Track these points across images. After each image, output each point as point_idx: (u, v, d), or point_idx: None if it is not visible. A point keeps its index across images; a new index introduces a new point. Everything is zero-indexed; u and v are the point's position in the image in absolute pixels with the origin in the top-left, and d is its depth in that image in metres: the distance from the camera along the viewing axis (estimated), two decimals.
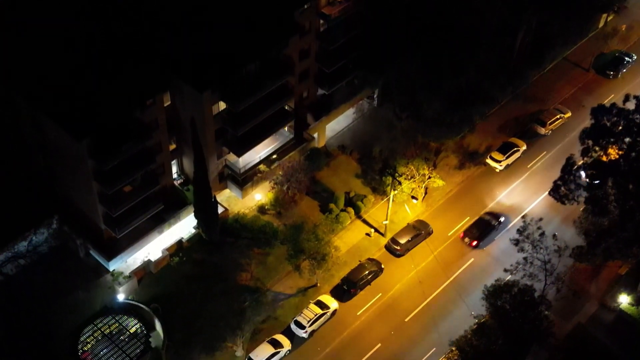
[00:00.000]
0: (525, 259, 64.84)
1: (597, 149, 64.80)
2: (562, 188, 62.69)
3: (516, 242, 64.82)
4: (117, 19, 67.96)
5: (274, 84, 70.10)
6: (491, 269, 72.00)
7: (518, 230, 65.36)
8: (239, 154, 72.08)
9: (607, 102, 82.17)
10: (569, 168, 62.88)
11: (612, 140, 63.63)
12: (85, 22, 67.37)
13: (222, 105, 69.37)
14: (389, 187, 73.60)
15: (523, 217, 67.19)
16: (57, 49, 65.44)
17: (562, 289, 65.66)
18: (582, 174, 64.71)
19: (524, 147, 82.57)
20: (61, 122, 61.89)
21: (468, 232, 74.74)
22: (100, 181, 64.20)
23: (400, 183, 73.48)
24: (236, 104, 67.87)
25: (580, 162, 64.30)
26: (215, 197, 69.76)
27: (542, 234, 64.40)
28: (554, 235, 64.83)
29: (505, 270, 65.71)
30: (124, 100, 63.17)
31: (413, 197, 75.97)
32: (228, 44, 67.52)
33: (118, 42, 66.44)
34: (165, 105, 67.30)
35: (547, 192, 77.16)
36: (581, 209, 70.83)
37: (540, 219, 65.90)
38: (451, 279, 72.56)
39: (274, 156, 76.59)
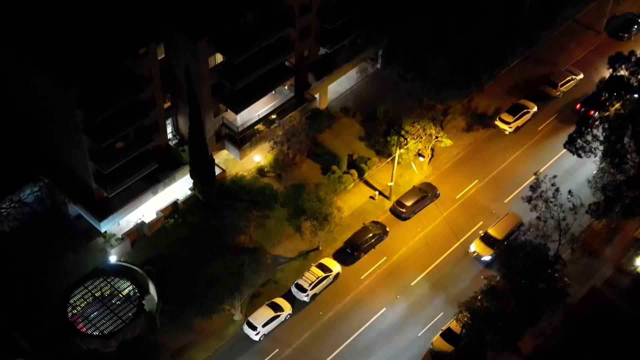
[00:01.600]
0: (538, 217, 61.52)
1: (614, 103, 61.68)
2: (578, 140, 59.30)
3: (529, 199, 61.46)
4: None
5: (273, 36, 66.72)
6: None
7: (531, 187, 62.02)
8: (237, 111, 68.72)
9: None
10: (585, 120, 59.55)
11: (628, 94, 60.52)
12: None
13: (219, 59, 66.09)
14: (394, 146, 70.31)
15: (535, 173, 63.79)
16: None
17: (576, 249, 62.32)
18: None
19: (535, 109, 79.15)
20: (49, 71, 58.65)
21: None
22: (90, 135, 60.88)
23: (406, 139, 70.13)
24: (233, 56, 64.49)
25: (597, 115, 61.10)
26: (212, 155, 66.43)
27: (557, 190, 61.08)
28: (569, 192, 61.41)
29: (518, 230, 62.38)
30: (114, 48, 59.90)
31: (420, 155, 72.62)
32: None
33: None
34: (159, 58, 64.08)
35: (557, 156, 74.81)
36: (594, 172, 67.91)
37: (555, 176, 62.57)
38: (460, 241, 69.27)
39: (274, 116, 73.31)
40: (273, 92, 72.56)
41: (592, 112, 71.15)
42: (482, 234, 68.12)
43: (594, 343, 62.20)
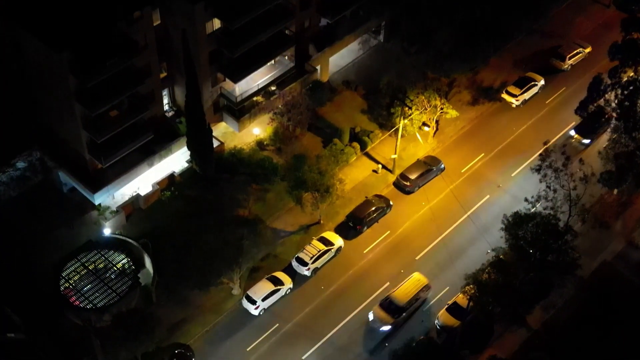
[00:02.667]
0: (548, 187, 59.30)
1: (626, 69, 59.44)
2: (590, 106, 57.01)
3: (538, 169, 59.22)
4: None
5: (273, 2, 64.39)
6: (510, 205, 65.87)
7: (540, 155, 59.80)
8: (235, 80, 66.43)
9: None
10: (596, 86, 57.33)
11: None
12: None
13: (217, 24, 63.86)
14: (398, 117, 68.12)
15: (545, 143, 61.58)
16: None
17: (587, 220, 60.09)
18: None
19: (542, 82, 76.85)
20: (40, 35, 56.47)
21: None
22: (83, 102, 58.65)
23: (410, 108, 67.88)
24: (232, 21, 62.15)
25: (609, 82, 58.84)
26: (209, 125, 64.21)
27: (568, 159, 58.89)
28: (580, 160, 59.26)
29: (527, 201, 59.96)
30: (108, 11, 57.62)
31: (425, 124, 70.40)
32: None
33: None
34: (155, 24, 61.87)
35: (566, 129, 72.67)
36: (605, 144, 65.89)
37: (564, 145, 60.45)
38: (467, 214, 67.04)
39: (273, 88, 71.13)
40: (273, 62, 70.40)
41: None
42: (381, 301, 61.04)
43: (605, 318, 60.12)
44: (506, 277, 57.11)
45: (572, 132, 69.69)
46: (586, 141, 69.91)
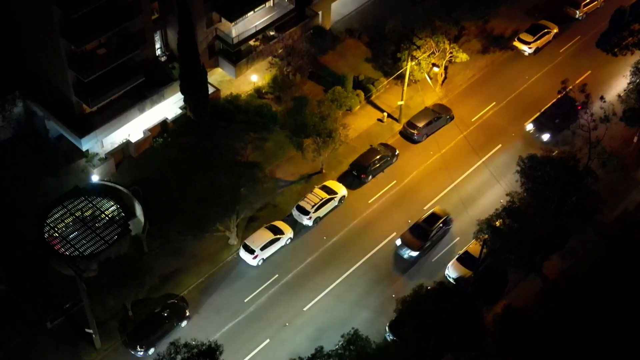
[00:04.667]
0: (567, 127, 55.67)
1: None
2: (613, 37, 52.99)
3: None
4: None
5: None
6: (524, 154, 62.22)
7: (558, 92, 56.03)
8: (232, 19, 62.47)
9: None
10: (619, 17, 53.40)
11: None
12: None
13: None
14: (405, 61, 64.20)
15: (563, 82, 57.64)
16: None
17: (608, 163, 56.26)
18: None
19: (556, 30, 72.77)
20: None
21: None
22: (68, 36, 54.63)
23: (419, 48, 63.91)
24: None
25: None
26: (204, 66, 60.27)
27: (588, 96, 55.11)
28: (602, 97, 55.37)
29: (543, 143, 56.26)
30: None
31: (434, 65, 66.42)
32: None
33: None
34: None
35: (583, 77, 68.75)
36: (624, 88, 62.06)
37: (585, 84, 56.49)
38: (482, 160, 63.36)
39: (272, 32, 67.19)
40: (272, 3, 66.45)
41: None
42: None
43: (626, 268, 56.29)
44: (522, 222, 53.33)
45: (530, 126, 64.56)
46: (545, 137, 63.72)
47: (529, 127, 64.17)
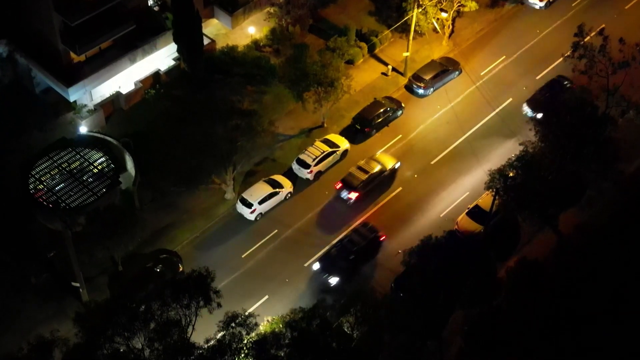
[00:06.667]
0: (583, 71, 52.40)
1: None
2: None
3: (574, 47, 52.27)
4: None
5: None
6: None
7: (575, 35, 52.79)
8: None
9: None
10: None
11: None
12: None
13: None
14: (410, 8, 60.93)
15: (579, 26, 54.40)
16: None
17: (627, 110, 53.13)
18: None
19: None
20: None
21: None
22: None
23: None
24: None
25: None
26: (198, 12, 57.03)
27: (606, 38, 51.90)
28: (621, 39, 52.15)
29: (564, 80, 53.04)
30: None
31: (442, 10, 63.07)
32: None
33: None
34: None
35: (598, 29, 65.57)
36: None
37: (603, 28, 53.28)
38: (495, 111, 60.40)
39: None
40: None
41: None
42: None
43: None
44: (536, 172, 50.24)
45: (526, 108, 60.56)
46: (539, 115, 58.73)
47: (525, 109, 60.81)
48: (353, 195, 54.34)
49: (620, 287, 46.87)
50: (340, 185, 54.73)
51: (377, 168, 55.17)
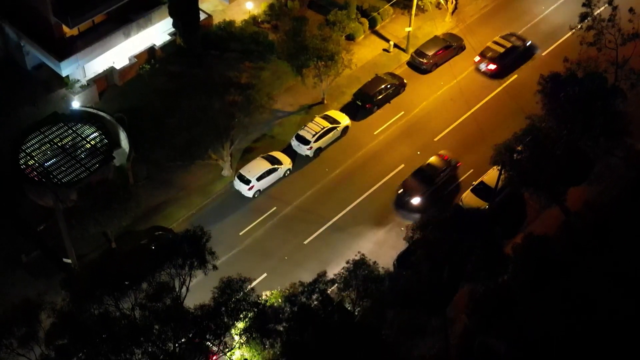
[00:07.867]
0: (591, 43, 50.75)
1: None
2: None
3: (582, 17, 50.72)
4: None
5: None
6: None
7: (583, 4, 51.10)
8: None
9: None
10: None
11: None
12: None
13: None
14: None
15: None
16: None
17: (637, 83, 51.48)
18: None
19: None
20: None
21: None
22: None
23: None
24: None
25: None
26: None
27: (615, 8, 50.25)
28: (631, 9, 50.46)
29: (566, 61, 51.39)
30: None
31: None
32: None
33: None
34: None
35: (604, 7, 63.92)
36: None
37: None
38: (502, 86, 58.82)
39: None
40: None
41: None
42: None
43: None
44: (543, 146, 48.62)
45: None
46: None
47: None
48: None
49: (630, 263, 45.50)
50: None
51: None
